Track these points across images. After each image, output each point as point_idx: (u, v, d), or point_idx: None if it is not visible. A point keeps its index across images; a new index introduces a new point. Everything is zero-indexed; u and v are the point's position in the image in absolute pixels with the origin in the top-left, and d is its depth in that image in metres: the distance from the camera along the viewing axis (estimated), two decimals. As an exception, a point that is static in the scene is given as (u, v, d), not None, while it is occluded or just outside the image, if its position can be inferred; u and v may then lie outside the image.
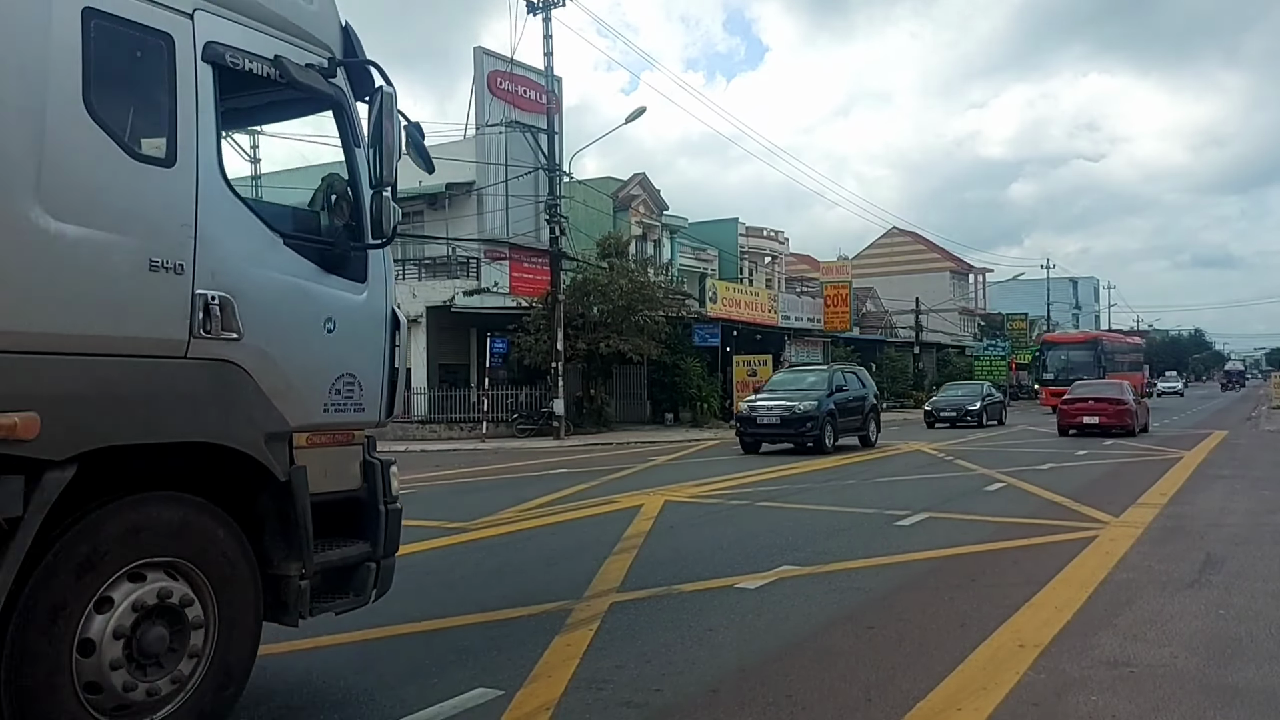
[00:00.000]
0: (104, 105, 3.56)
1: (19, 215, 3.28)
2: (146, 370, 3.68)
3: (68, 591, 3.41)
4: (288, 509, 4.16)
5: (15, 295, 3.26)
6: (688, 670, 5.14)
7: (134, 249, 3.62)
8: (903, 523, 10.22)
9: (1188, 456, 18.19)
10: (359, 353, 4.60)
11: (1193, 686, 4.82)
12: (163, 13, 3.77)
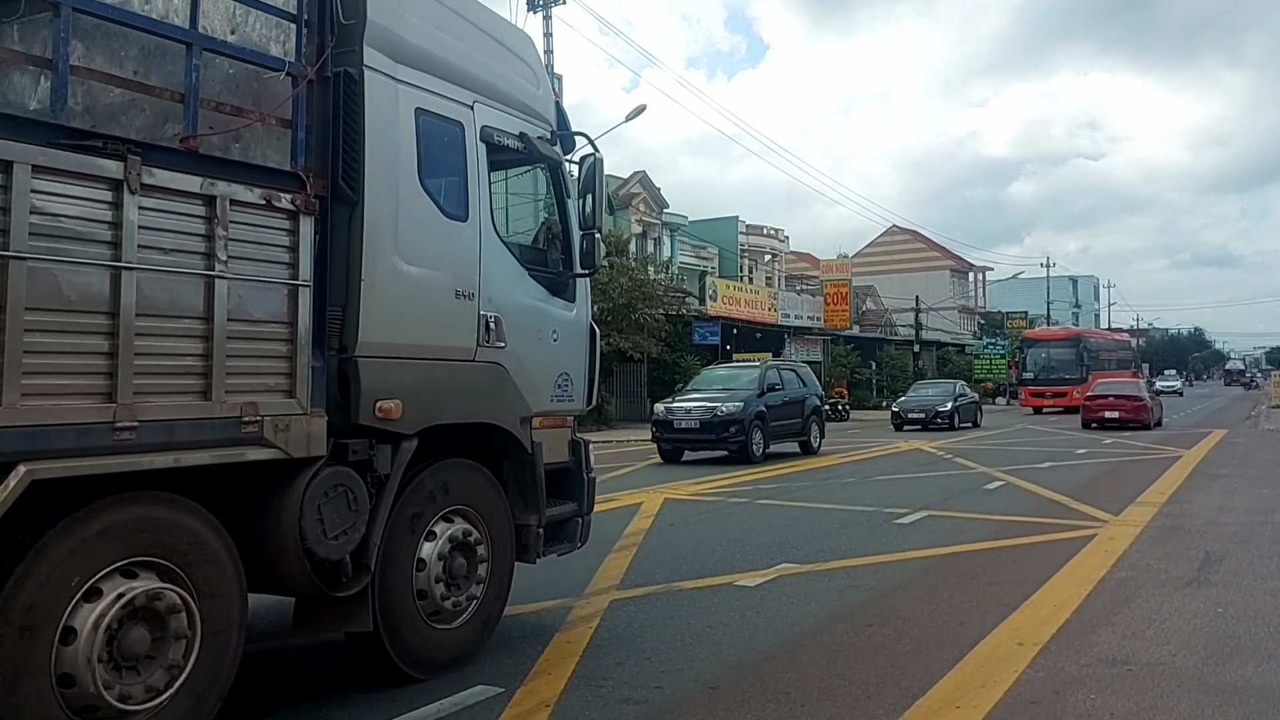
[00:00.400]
0: (429, 178, 4.88)
1: (387, 262, 4.60)
2: (455, 370, 5.06)
3: (407, 531, 4.78)
4: (529, 475, 5.54)
5: (388, 319, 4.61)
6: (687, 668, 5.16)
7: (448, 283, 4.97)
8: (902, 521, 10.23)
9: (1187, 455, 18.20)
10: (571, 356, 5.98)
11: (1191, 685, 4.83)
12: (456, 106, 5.11)
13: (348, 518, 4.36)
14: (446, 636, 5.01)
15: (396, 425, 4.61)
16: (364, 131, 4.54)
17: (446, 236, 5.00)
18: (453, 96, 5.10)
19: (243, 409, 3.91)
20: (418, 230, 4.78)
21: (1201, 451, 19.26)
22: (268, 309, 4.08)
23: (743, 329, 37.62)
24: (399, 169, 4.70)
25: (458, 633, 5.07)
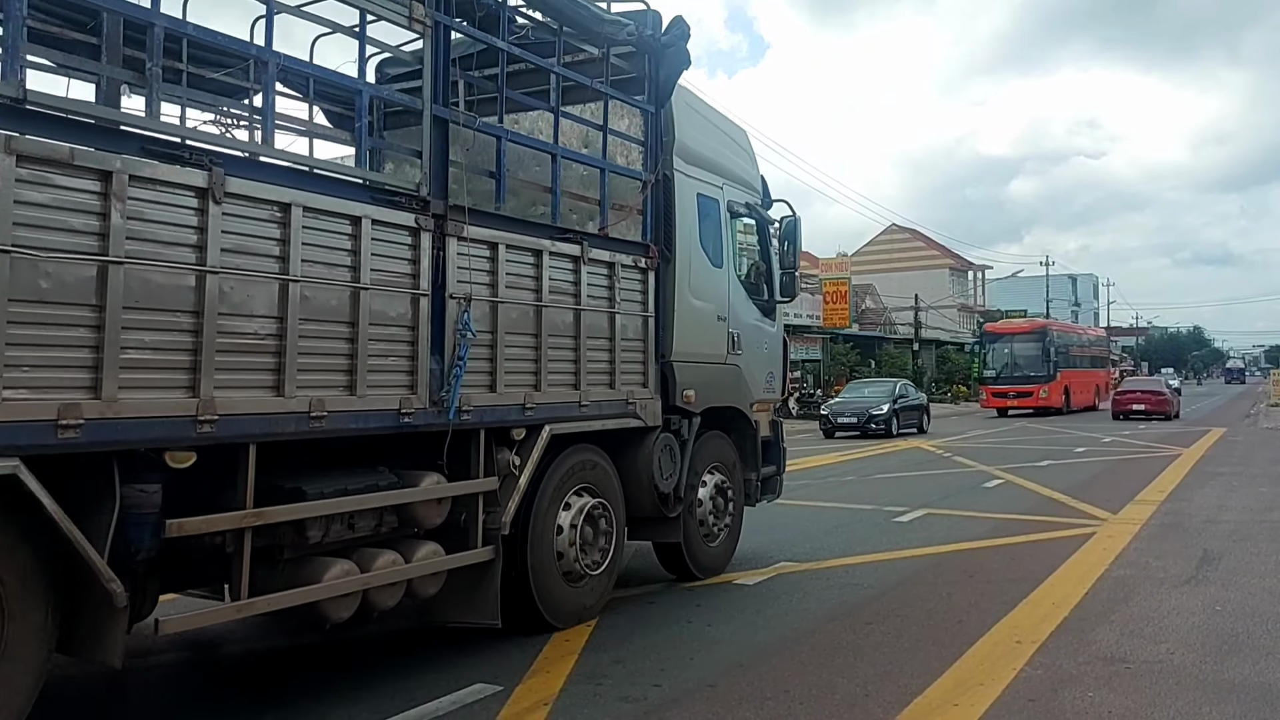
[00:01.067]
0: (703, 240, 7.17)
1: (685, 299, 6.88)
2: (717, 370, 7.36)
3: (696, 479, 7.09)
4: (751, 444, 7.80)
5: (686, 336, 6.86)
6: (686, 665, 5.16)
7: (714, 311, 7.31)
8: (901, 519, 10.25)
9: (1186, 453, 18.21)
10: (774, 360, 8.35)
11: (1189, 682, 4.84)
12: (715, 189, 7.45)
13: (673, 465, 6.69)
14: (713, 550, 7.43)
15: (692, 407, 6.87)
16: (675, 213, 6.85)
17: (713, 279, 7.34)
18: (713, 183, 7.48)
19: (628, 395, 6.30)
20: (699, 276, 7.12)
21: (1200, 450, 19.28)
22: (635, 332, 6.44)
23: (742, 327, 37.47)
24: (690, 236, 7.01)
25: (718, 549, 7.51)
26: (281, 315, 4.15)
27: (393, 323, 4.69)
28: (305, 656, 5.43)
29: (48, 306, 3.41)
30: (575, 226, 6.09)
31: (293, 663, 5.36)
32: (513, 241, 5.40)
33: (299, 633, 5.80)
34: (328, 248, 4.37)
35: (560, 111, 6.02)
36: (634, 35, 6.24)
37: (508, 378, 5.33)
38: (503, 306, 5.30)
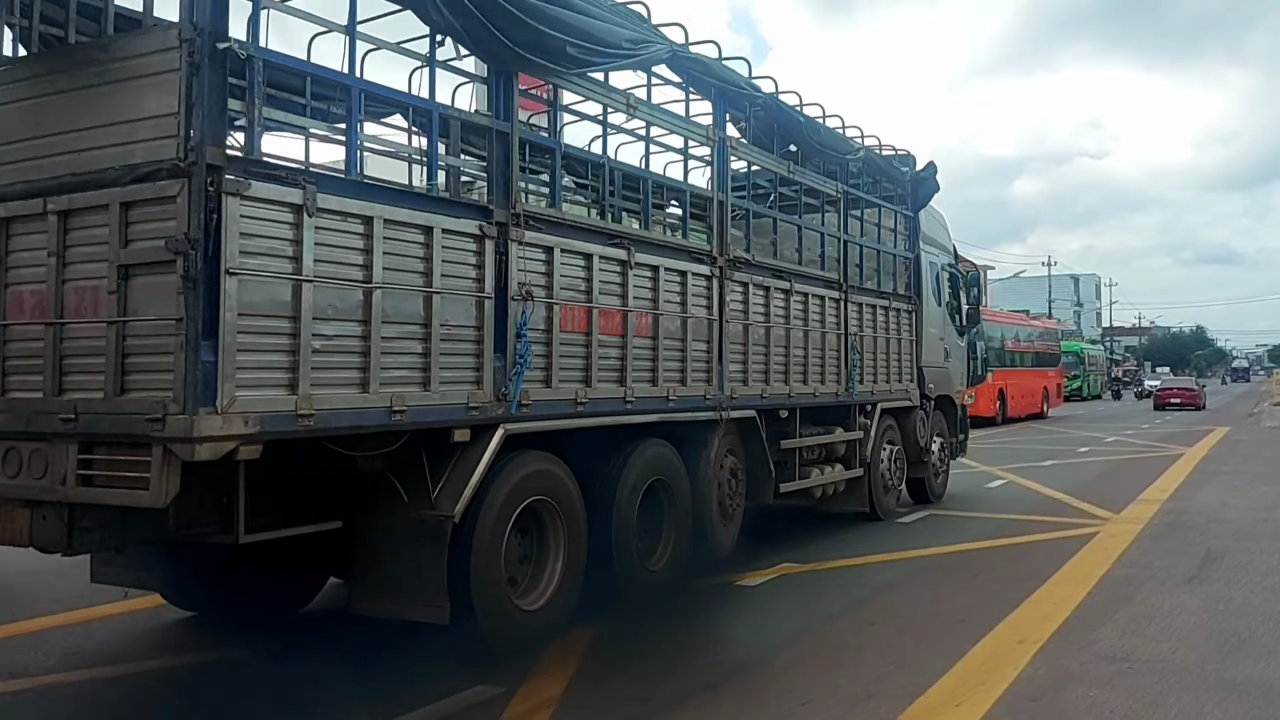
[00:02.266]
0: (936, 293, 11.38)
1: (925, 329, 10.85)
2: (938, 371, 11.30)
3: (930, 436, 10.91)
4: (954, 417, 11.93)
5: (926, 352, 10.82)
6: (689, 667, 5.17)
7: (937, 335, 11.35)
8: (904, 519, 10.23)
9: (1189, 453, 18.19)
10: (963, 364, 12.36)
11: (1192, 681, 4.84)
12: (934, 257, 11.39)
13: (924, 429, 10.63)
14: (938, 484, 11.40)
15: (930, 395, 10.94)
16: (921, 275, 10.85)
17: (936, 315, 11.36)
18: (934, 253, 11.47)
19: (906, 387, 10.29)
20: (930, 313, 11.10)
21: (1203, 449, 19.25)
22: (907, 349, 10.40)
23: (744, 329, 37.50)
24: (925, 288, 10.99)
25: (941, 484, 11.49)
26: None
27: (680, 335, 6.63)
28: (307, 660, 5.43)
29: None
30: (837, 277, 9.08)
31: (295, 666, 5.35)
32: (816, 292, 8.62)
33: (300, 636, 5.81)
34: None
35: (848, 214, 9.42)
36: (906, 173, 10.53)
37: (868, 376, 9.44)
38: (865, 337, 9.42)
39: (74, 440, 3.95)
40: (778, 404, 7.84)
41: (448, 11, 4.71)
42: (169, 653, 5.62)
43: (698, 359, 6.77)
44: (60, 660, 5.42)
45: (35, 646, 5.64)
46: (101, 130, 4.04)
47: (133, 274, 3.92)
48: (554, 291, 5.45)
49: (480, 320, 4.97)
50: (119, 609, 6.27)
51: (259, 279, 3.92)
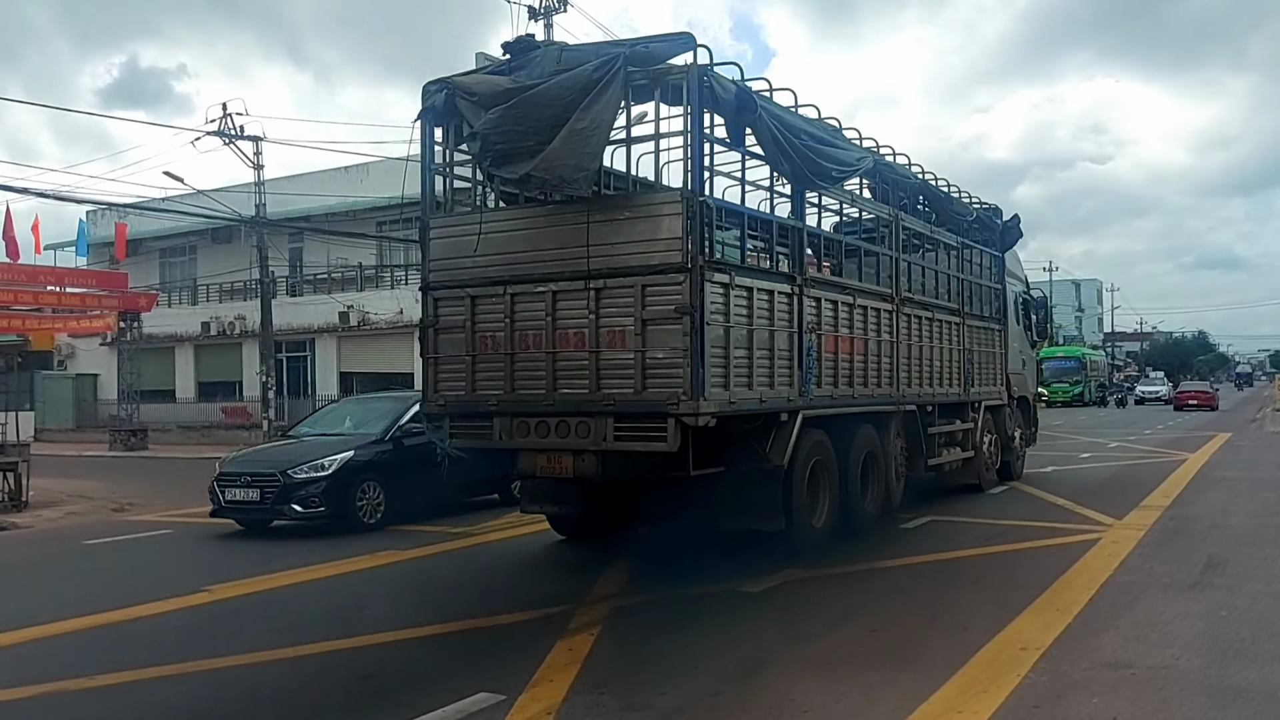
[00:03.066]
0: (1016, 315, 14.82)
1: (1010, 343, 14.06)
2: (1020, 376, 14.84)
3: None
4: (1029, 414, 15.37)
5: (1012, 364, 14.21)
6: (690, 674, 5.16)
7: (1018, 349, 14.78)
8: (906, 525, 10.22)
9: (1191, 458, 18.16)
10: (1034, 370, 16.51)
11: (1194, 688, 4.83)
12: (1013, 285, 14.73)
13: (1010, 423, 13.82)
14: (1018, 466, 14.19)
15: (1014, 395, 14.13)
16: (1006, 302, 13.87)
17: (1017, 332, 14.58)
18: (1013, 283, 14.65)
19: (999, 389, 13.44)
20: (1012, 331, 14.11)
21: (1206, 455, 19.21)
22: (999, 360, 13.55)
23: (746, 334, 37.53)
24: (1010, 312, 14.07)
25: (1019, 467, 14.25)
26: None
27: (877, 352, 9.63)
28: (308, 667, 5.44)
29: None
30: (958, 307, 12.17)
31: (296, 673, 5.36)
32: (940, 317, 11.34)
33: (301, 642, 5.81)
34: None
35: (959, 256, 12.46)
36: (998, 224, 13.62)
37: (976, 381, 12.35)
38: (974, 351, 12.34)
39: (610, 416, 7.07)
40: (926, 400, 10.78)
41: (785, 163, 7.87)
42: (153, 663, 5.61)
43: (885, 368, 9.69)
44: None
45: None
46: (632, 244, 7.08)
47: (648, 324, 6.92)
48: (820, 326, 8.41)
49: (791, 346, 7.92)
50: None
51: (716, 326, 6.96)
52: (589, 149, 6.89)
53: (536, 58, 7.43)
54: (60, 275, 29.30)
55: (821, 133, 8.54)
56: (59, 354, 38.11)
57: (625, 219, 7.26)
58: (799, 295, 8.02)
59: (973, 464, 12.46)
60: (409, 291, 30.66)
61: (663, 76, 7.13)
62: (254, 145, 28.13)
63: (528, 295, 7.47)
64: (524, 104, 6.95)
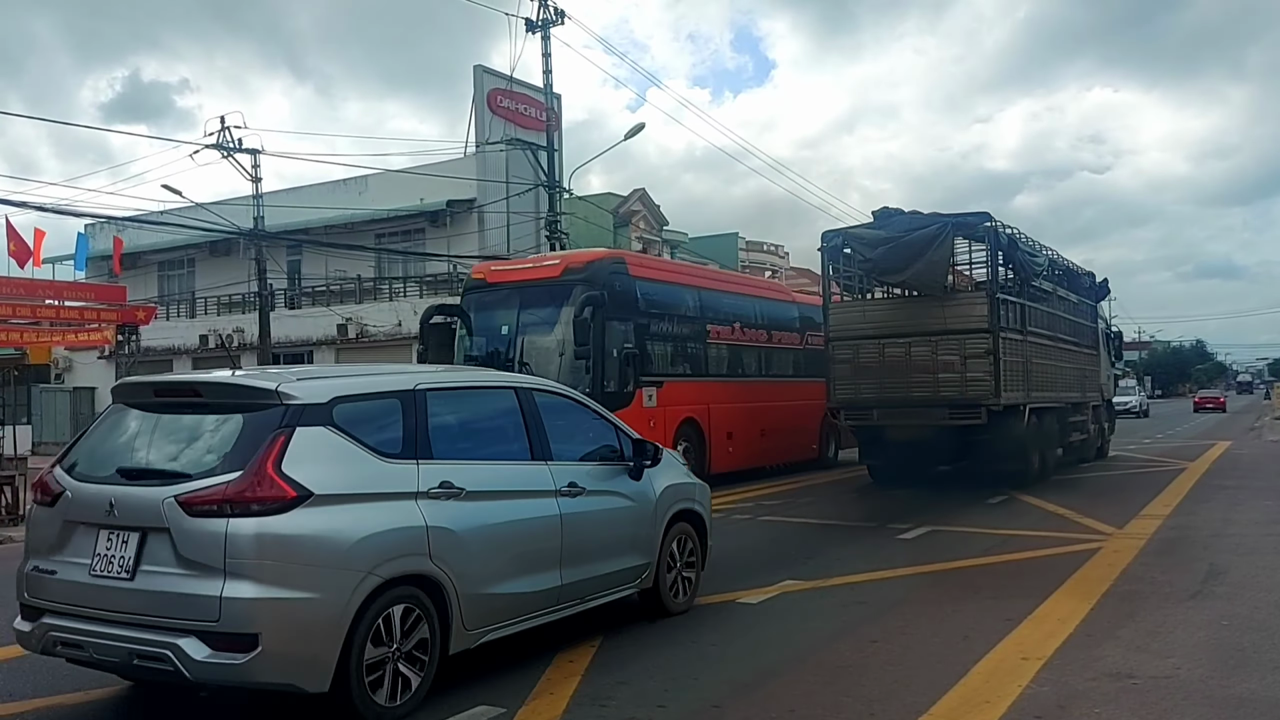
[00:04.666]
0: (1103, 343, 21.36)
1: (1101, 362, 20.59)
2: (1106, 386, 21.62)
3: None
4: (1109, 413, 21.83)
5: (1101, 374, 20.73)
6: (690, 686, 5.13)
7: (1107, 371, 21.98)
8: (905, 536, 10.21)
9: (1191, 467, 18.15)
10: (1110, 383, 22.61)
11: (1197, 698, 4.81)
12: (1101, 325, 22.23)
13: (1102, 419, 20.48)
14: (1105, 452, 20.73)
15: (1104, 400, 20.89)
16: (1099, 335, 20.74)
17: (1103, 354, 20.96)
18: (1101, 322, 21.77)
19: (1100, 393, 20.25)
20: (1101, 354, 20.65)
21: (1206, 463, 19.21)
22: (1098, 376, 20.13)
23: (744, 345, 37.61)
24: (1100, 342, 20.80)
25: (1105, 451, 20.80)
26: None
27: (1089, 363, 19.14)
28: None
29: None
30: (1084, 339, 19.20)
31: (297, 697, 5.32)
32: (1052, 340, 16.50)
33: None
34: None
35: (1079, 305, 19.30)
36: (1094, 285, 20.36)
37: (1090, 387, 18.78)
38: (1087, 369, 18.97)
39: (945, 407, 13.79)
40: (1067, 400, 17.20)
41: (1023, 270, 14.93)
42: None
43: (1056, 381, 15.95)
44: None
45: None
46: (959, 317, 14.02)
47: (967, 359, 13.60)
48: (1033, 357, 14.75)
49: (1025, 367, 13.95)
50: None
51: (1001, 359, 13.52)
52: (938, 272, 14.24)
53: (894, 219, 14.60)
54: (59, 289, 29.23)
55: (1030, 251, 15.46)
56: (56, 367, 38.09)
57: (955, 304, 14.48)
58: (1025, 340, 14.78)
59: (1087, 443, 19.05)
60: (407, 304, 30.77)
61: (973, 230, 14.89)
62: (252, 158, 28.19)
63: (893, 343, 14.26)
64: (899, 246, 13.84)
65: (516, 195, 30.16)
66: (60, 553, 4.59)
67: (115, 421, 4.98)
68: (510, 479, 5.46)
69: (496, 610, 5.15)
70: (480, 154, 31.46)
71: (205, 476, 4.33)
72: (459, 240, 31.21)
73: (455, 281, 31.32)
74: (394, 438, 4.86)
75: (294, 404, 4.53)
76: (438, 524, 4.77)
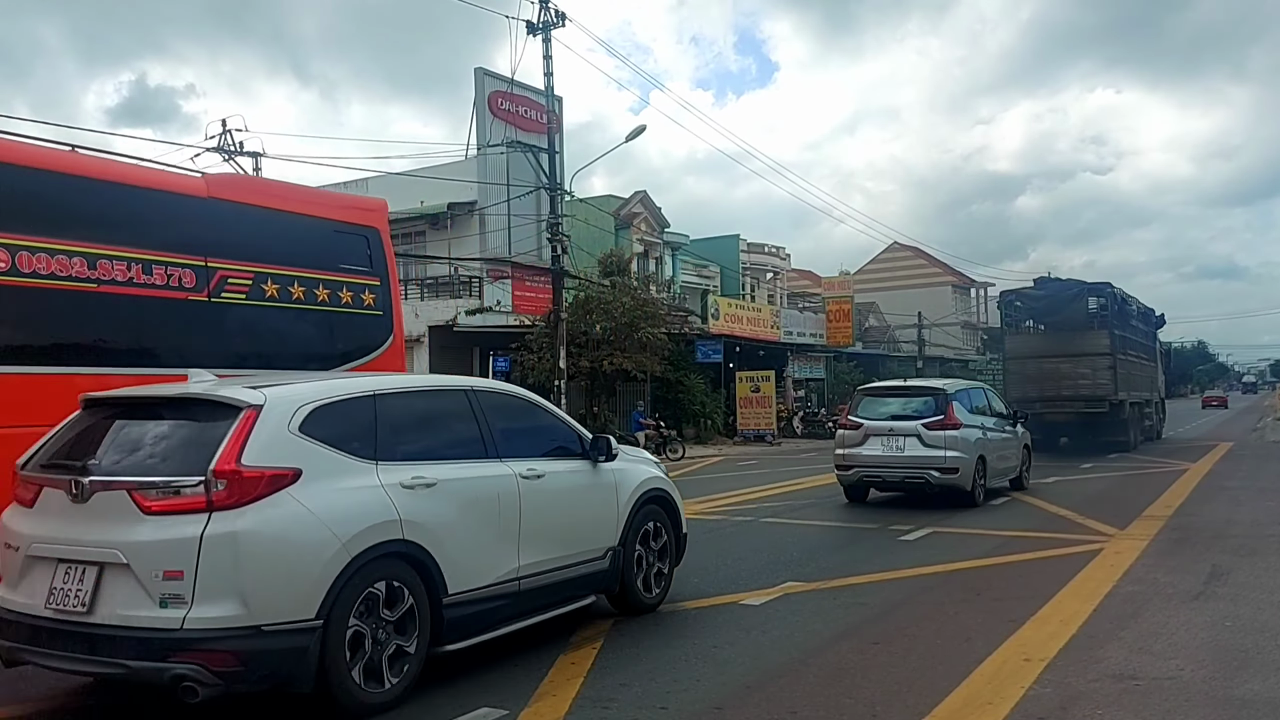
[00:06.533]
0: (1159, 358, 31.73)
1: (1156, 370, 30.45)
2: (1159, 387, 30.79)
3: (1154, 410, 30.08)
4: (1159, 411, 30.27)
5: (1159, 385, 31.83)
6: (692, 688, 5.13)
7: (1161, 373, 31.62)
8: (906, 537, 10.20)
9: (1193, 468, 18.14)
10: (1162, 382, 31.90)
11: (1199, 699, 4.80)
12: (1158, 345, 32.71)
13: (1159, 413, 29.87)
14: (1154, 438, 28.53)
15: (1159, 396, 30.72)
16: (1156, 352, 30.32)
17: (1160, 367, 30.93)
18: (1157, 340, 30.89)
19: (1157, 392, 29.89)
20: (1159, 368, 30.72)
21: (1208, 464, 19.20)
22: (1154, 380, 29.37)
23: (745, 347, 37.62)
24: (1158, 357, 30.64)
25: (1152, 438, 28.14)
26: None
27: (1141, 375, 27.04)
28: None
29: None
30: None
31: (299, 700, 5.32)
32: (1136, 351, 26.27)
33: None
34: None
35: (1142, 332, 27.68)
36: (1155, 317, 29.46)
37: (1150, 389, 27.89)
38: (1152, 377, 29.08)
39: (1082, 401, 22.56)
40: (1149, 398, 26.98)
41: (1131, 320, 26.32)
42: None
43: (1137, 383, 24.91)
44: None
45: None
46: (1093, 343, 23.37)
47: (1095, 370, 22.67)
48: (1124, 368, 23.96)
49: (1119, 374, 23.34)
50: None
51: (1117, 369, 22.98)
52: (1078, 317, 23.58)
53: (1048, 283, 25.63)
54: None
55: (1127, 302, 25.03)
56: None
57: (1088, 336, 23.03)
58: (1125, 358, 23.36)
59: (1152, 426, 27.73)
60: (408, 306, 30.72)
61: (1099, 291, 24.01)
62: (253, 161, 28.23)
63: (1047, 360, 23.13)
64: (1052, 300, 24.21)
65: (517, 198, 30.18)
66: None
67: None
68: None
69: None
70: (481, 157, 31.49)
71: None
72: (460, 243, 31.24)
73: (457, 284, 31.37)
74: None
75: None
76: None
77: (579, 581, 6.20)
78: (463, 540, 5.23)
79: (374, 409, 5.16)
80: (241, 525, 4.29)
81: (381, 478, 4.91)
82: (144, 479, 4.43)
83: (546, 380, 27.76)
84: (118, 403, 5.09)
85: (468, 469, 5.53)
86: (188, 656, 4.16)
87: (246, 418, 4.55)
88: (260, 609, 4.26)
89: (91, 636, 4.30)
